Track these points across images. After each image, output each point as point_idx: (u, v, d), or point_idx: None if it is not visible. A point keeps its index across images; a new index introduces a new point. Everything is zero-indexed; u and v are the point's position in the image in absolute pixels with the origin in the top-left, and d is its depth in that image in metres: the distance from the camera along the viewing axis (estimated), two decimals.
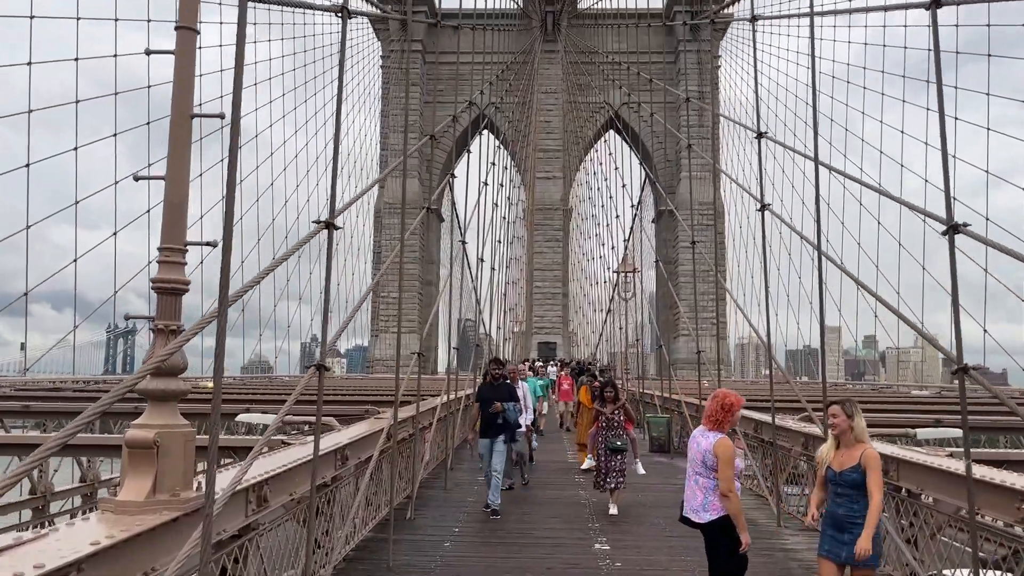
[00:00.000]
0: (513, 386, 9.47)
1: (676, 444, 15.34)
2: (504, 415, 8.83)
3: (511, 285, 53.27)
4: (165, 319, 3.70)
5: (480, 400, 9.19)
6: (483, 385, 9.44)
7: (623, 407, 9.20)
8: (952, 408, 13.14)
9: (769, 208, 8.09)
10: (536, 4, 60.24)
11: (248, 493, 4.46)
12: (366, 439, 7.18)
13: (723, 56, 59.59)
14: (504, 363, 10.02)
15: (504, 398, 8.96)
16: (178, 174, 3.76)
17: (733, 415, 4.68)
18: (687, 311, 37.18)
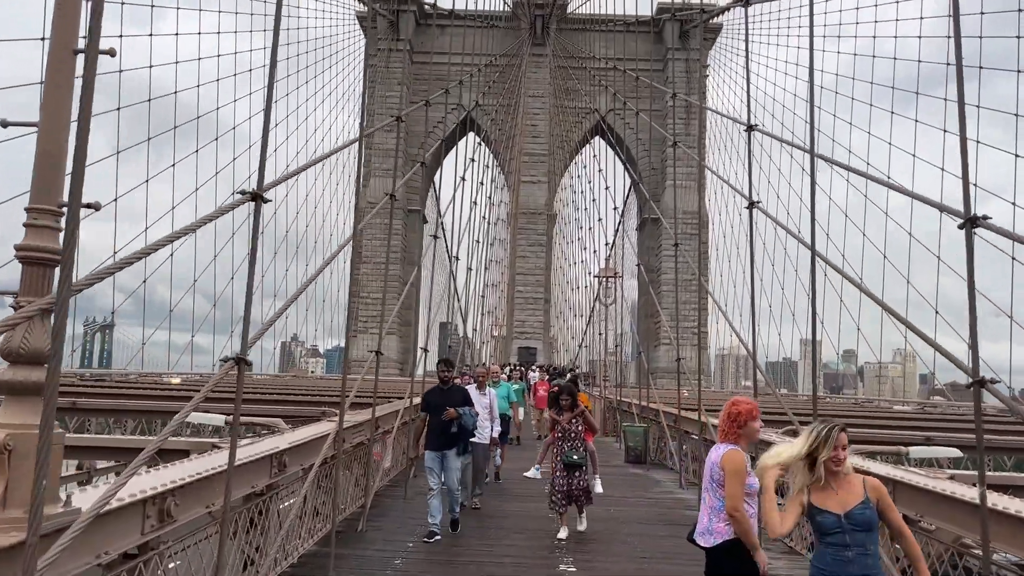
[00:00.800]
0: (467, 391, 8.20)
1: (653, 455, 14.76)
2: (461, 421, 7.63)
3: (492, 288, 52.68)
4: (30, 295, 3.03)
5: (427, 408, 7.91)
6: (430, 391, 8.07)
7: (582, 415, 8.14)
8: (940, 425, 12.67)
9: (758, 206, 7.52)
10: (525, 7, 59.81)
11: (146, 507, 3.79)
12: (310, 444, 6.51)
13: (711, 66, 59.41)
14: (453, 364, 8.63)
15: (456, 403, 7.76)
16: (55, 121, 3.10)
17: (745, 426, 3.94)
18: (669, 320, 36.74)
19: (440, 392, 7.96)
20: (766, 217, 8.01)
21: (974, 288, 3.95)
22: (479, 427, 9.01)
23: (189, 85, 29.54)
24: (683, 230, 50.05)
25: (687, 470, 12.30)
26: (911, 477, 5.26)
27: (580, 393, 10.68)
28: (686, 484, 11.51)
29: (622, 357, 23.59)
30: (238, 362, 4.01)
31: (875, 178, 5.80)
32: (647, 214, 59.91)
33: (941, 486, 4.89)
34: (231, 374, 4.07)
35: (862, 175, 6.17)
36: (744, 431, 3.94)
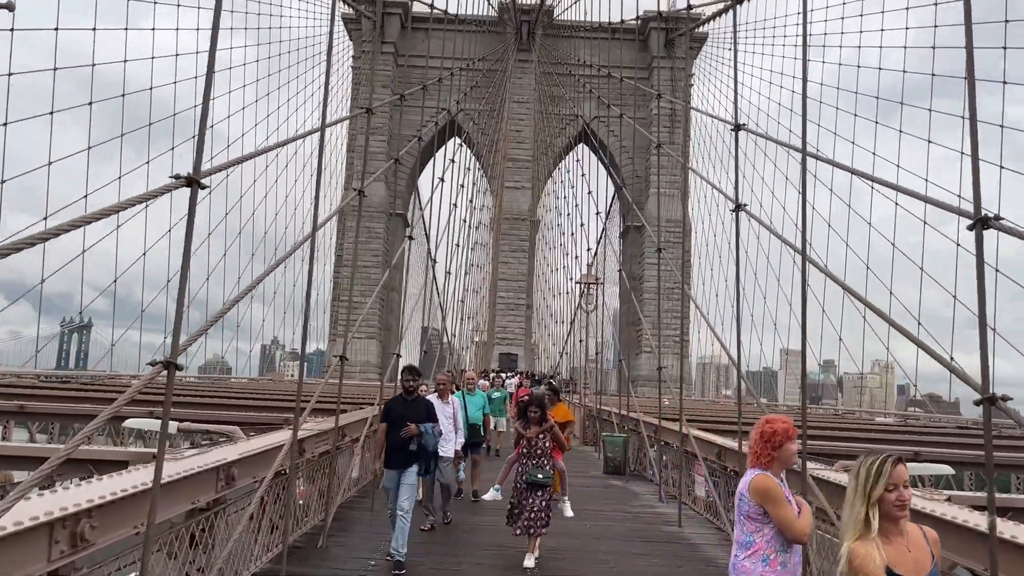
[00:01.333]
0: (431, 403, 7.38)
1: (632, 466, 14.38)
2: (421, 439, 6.85)
3: (473, 293, 52.21)
4: None
5: (388, 420, 7.09)
6: (392, 400, 7.31)
7: (551, 431, 7.29)
8: (926, 439, 12.38)
9: (744, 209, 7.17)
10: (511, 13, 59.64)
11: (54, 530, 3.34)
12: (264, 455, 6.05)
13: (696, 75, 59.45)
14: (420, 373, 7.55)
15: (420, 417, 6.97)
16: None
17: (781, 448, 3.32)
18: (650, 328, 36.48)
19: (403, 403, 7.14)
20: (749, 228, 7.67)
21: (984, 295, 3.60)
22: (443, 440, 8.40)
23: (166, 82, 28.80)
24: (666, 238, 50.01)
25: (667, 482, 11.93)
26: None
27: (559, 404, 10.08)
28: (666, 497, 11.13)
29: (602, 364, 23.17)
30: (167, 366, 3.57)
31: (882, 180, 5.45)
32: (630, 221, 59.84)
33: (941, 509, 4.53)
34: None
35: (868, 176, 5.84)
36: (780, 454, 3.34)
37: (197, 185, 3.73)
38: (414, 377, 7.24)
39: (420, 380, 7.46)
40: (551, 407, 8.72)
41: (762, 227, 8.29)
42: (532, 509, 6.92)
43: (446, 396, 9.02)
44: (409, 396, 7.18)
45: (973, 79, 3.91)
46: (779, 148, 32.12)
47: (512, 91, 60.31)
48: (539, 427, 7.25)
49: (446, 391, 9.09)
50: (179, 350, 3.65)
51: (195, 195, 3.70)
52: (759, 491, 3.26)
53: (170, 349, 3.63)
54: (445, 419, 8.63)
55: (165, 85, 27.50)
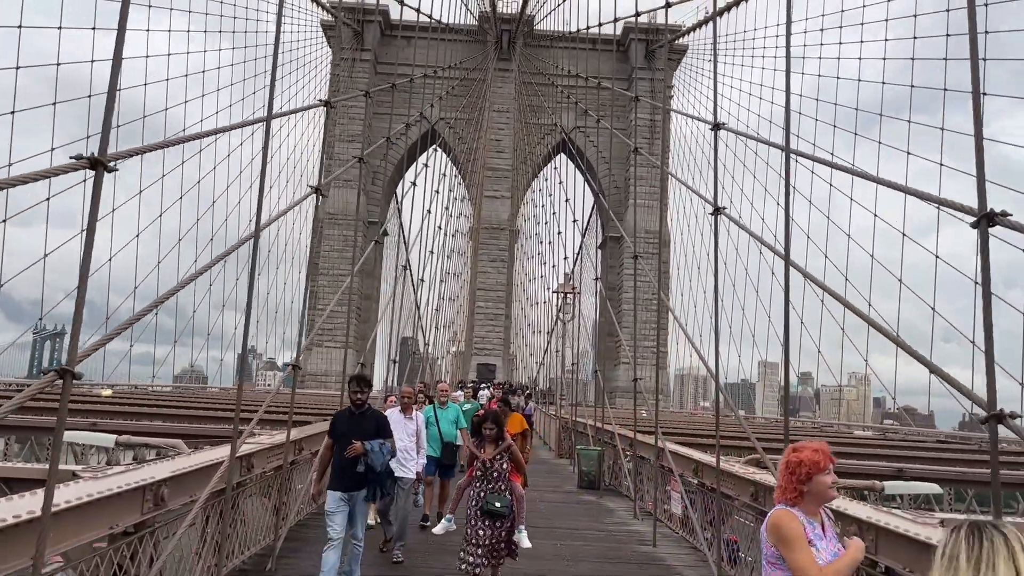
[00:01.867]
0: (383, 417, 6.50)
1: (607, 480, 13.95)
2: (367, 459, 6.01)
3: (450, 301, 51.67)
4: None
5: (332, 436, 6.34)
6: (339, 414, 6.52)
7: (509, 451, 6.32)
8: (908, 454, 12.08)
9: (724, 211, 6.81)
10: (492, 22, 59.49)
11: None
12: (203, 471, 5.55)
13: (676, 86, 59.54)
14: (369, 383, 6.63)
15: (368, 433, 6.14)
16: None
17: (811, 481, 2.81)
18: (628, 339, 36.17)
19: (349, 417, 6.30)
20: (728, 239, 7.30)
21: (990, 299, 3.23)
22: (404, 460, 7.74)
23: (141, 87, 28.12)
24: (645, 249, 49.85)
25: (642, 497, 11.52)
26: (897, 523, 4.51)
27: (513, 414, 9.33)
28: (641, 514, 10.71)
29: (577, 375, 22.76)
30: (62, 374, 3.10)
31: (888, 182, 5.09)
32: (609, 232, 59.69)
33: (937, 536, 4.13)
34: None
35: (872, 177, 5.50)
36: (810, 488, 2.82)
37: (103, 168, 3.28)
38: (361, 388, 6.34)
39: (369, 391, 6.54)
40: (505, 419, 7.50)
41: (741, 237, 7.96)
42: (489, 542, 5.99)
43: (410, 411, 8.18)
44: (357, 409, 6.31)
45: (976, 64, 3.55)
46: (758, 158, 32.01)
47: (492, 100, 60.12)
48: (496, 446, 6.25)
49: (410, 405, 8.22)
50: (76, 358, 3.18)
51: (100, 178, 3.25)
52: (772, 530, 2.78)
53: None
54: (407, 436, 7.90)
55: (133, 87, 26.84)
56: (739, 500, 7.28)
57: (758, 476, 6.81)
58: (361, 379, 6.45)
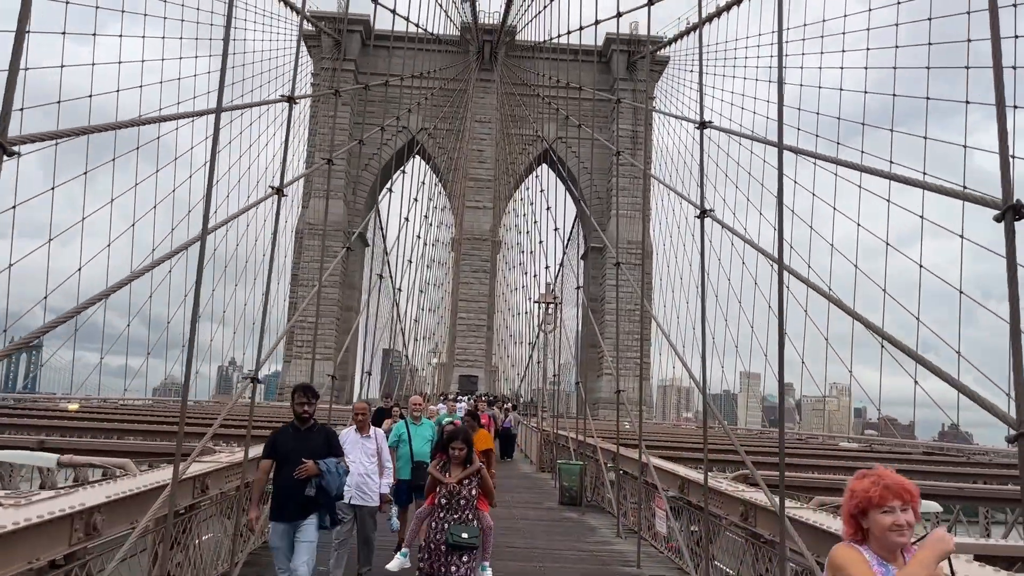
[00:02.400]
0: (333, 432, 5.70)
1: (589, 496, 13.51)
2: (320, 481, 5.20)
3: (431, 312, 51.14)
4: None
5: (274, 456, 5.41)
6: (280, 432, 5.62)
7: (478, 474, 5.46)
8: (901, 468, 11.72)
9: (710, 215, 6.44)
10: (473, 32, 59.36)
11: None
12: (145, 495, 5.05)
13: (658, 96, 59.61)
14: (316, 394, 5.58)
15: (318, 451, 5.31)
16: None
17: (865, 517, 2.29)
18: (611, 350, 35.87)
19: (295, 434, 5.44)
20: (711, 250, 6.92)
21: (1017, 299, 2.85)
22: (363, 485, 6.88)
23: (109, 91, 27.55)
24: (627, 259, 49.66)
25: (625, 514, 11.08)
26: None
27: (480, 431, 8.09)
28: (624, 532, 10.28)
29: (559, 386, 22.32)
30: None
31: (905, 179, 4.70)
32: (592, 243, 59.52)
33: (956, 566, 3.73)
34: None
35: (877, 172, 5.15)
36: (869, 524, 2.29)
37: (3, 151, 2.84)
38: (308, 399, 5.43)
39: (316, 402, 5.56)
40: None
41: (724, 248, 7.59)
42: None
43: (366, 429, 7.15)
44: (303, 424, 5.44)
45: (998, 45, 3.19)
46: (740, 168, 31.84)
47: (474, 110, 59.93)
48: (463, 469, 5.40)
49: (366, 422, 7.16)
50: None
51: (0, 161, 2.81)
52: (831, 566, 2.31)
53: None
54: (367, 458, 6.99)
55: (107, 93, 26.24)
56: (727, 519, 6.87)
57: (748, 495, 6.42)
58: (306, 389, 5.49)
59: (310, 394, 5.52)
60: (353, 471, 6.61)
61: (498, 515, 11.54)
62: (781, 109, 4.73)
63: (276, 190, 6.52)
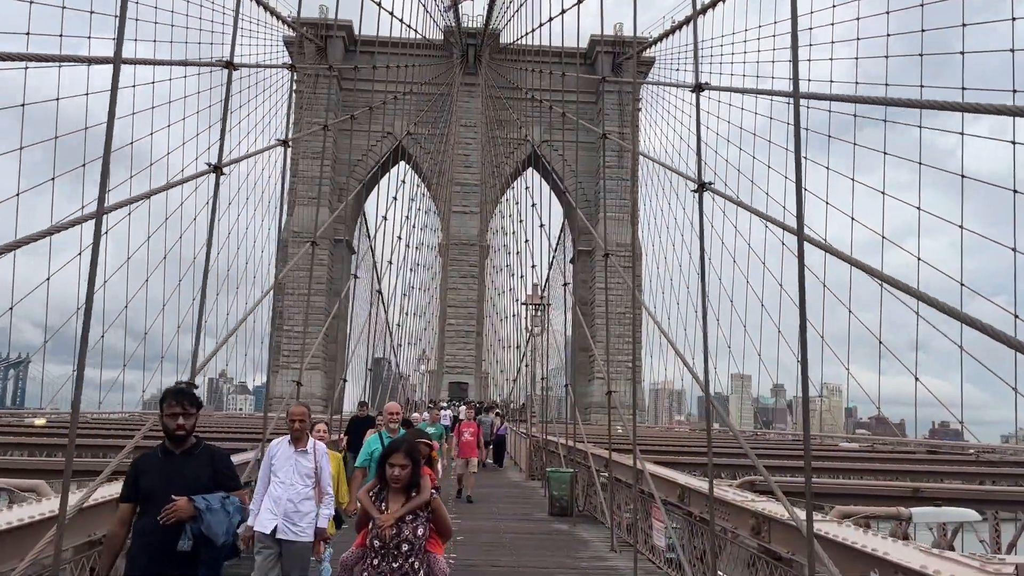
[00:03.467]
0: (223, 456, 3.96)
1: (581, 505, 12.70)
2: (197, 527, 3.56)
3: (417, 317, 50.25)
4: None
5: (134, 492, 3.71)
6: (143, 458, 3.87)
7: (427, 507, 3.86)
8: (912, 468, 11.00)
9: (710, 187, 5.68)
10: (457, 36, 58.74)
11: None
12: (30, 530, 4.20)
13: (644, 98, 59.09)
14: (197, 400, 3.87)
15: (199, 482, 3.71)
16: None
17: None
18: (602, 353, 35.08)
19: (164, 460, 3.75)
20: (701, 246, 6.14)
21: None
22: (293, 515, 5.29)
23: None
24: (617, 263, 48.95)
25: (619, 525, 10.29)
26: (964, 573, 3.33)
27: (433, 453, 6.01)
28: (619, 545, 9.47)
29: (547, 390, 21.51)
30: None
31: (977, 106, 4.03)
32: (580, 246, 58.89)
33: None
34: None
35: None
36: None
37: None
38: (185, 408, 3.74)
39: (196, 413, 3.84)
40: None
41: (714, 247, 6.83)
42: None
43: (303, 441, 5.53)
44: (179, 445, 3.75)
45: None
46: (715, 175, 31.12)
47: (459, 115, 59.30)
48: (406, 499, 3.82)
49: (303, 433, 5.54)
50: None
51: None
52: None
53: None
54: (300, 479, 5.41)
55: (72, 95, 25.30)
56: (734, 532, 6.09)
57: (759, 506, 5.63)
58: (181, 394, 3.78)
59: (187, 401, 3.77)
60: (281, 495, 5.34)
61: (483, 528, 10.76)
62: (796, 50, 3.99)
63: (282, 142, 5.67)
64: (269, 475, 5.47)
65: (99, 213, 3.72)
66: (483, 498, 14.09)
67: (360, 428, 11.16)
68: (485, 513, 12.49)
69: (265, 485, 5.46)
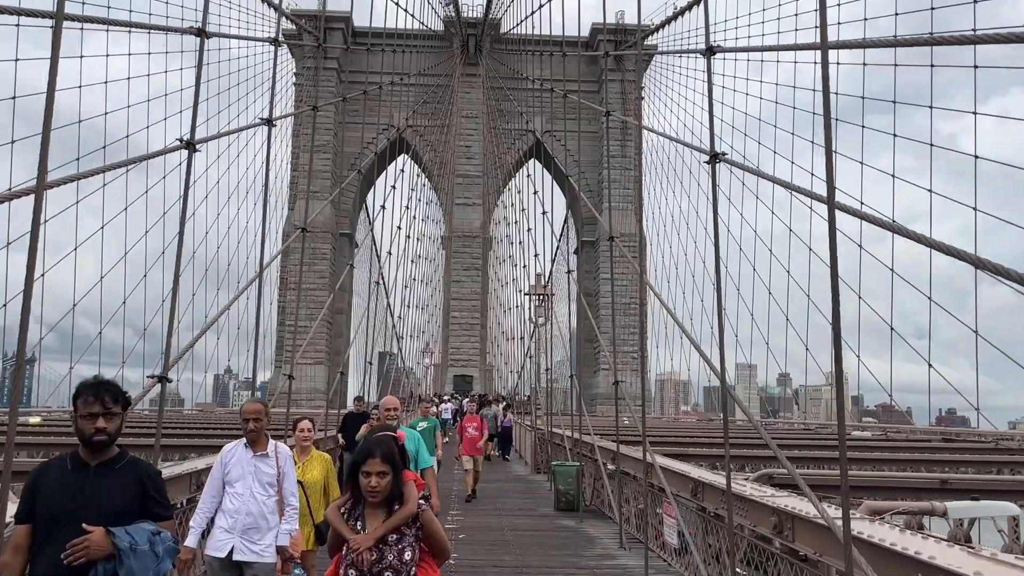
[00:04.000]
0: (152, 474, 2.94)
1: (588, 500, 12.29)
2: (112, 568, 2.64)
3: (419, 310, 49.87)
4: None
5: (29, 514, 2.78)
6: (46, 469, 2.91)
7: (417, 522, 3.06)
8: (935, 457, 10.56)
9: (723, 158, 5.25)
10: (457, 27, 58.21)
11: None
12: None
13: (647, 87, 58.47)
14: (122, 397, 2.87)
15: (123, 510, 2.78)
16: None
17: None
18: (607, 344, 34.65)
19: (72, 476, 2.82)
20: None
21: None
22: (251, 533, 4.44)
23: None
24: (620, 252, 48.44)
25: (628, 520, 9.88)
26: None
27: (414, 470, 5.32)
28: (628, 542, 9.06)
29: (551, 381, 21.09)
30: None
31: None
32: (584, 236, 58.46)
33: None
34: None
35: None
36: None
37: None
38: (107, 408, 2.82)
39: (122, 413, 2.88)
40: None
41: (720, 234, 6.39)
42: None
43: (261, 444, 4.60)
44: (95, 456, 2.84)
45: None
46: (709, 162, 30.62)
47: (460, 106, 58.84)
48: (387, 514, 3.04)
49: (260, 435, 4.58)
50: None
51: None
52: None
53: None
54: (259, 487, 4.52)
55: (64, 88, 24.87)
56: (753, 530, 5.67)
57: (780, 501, 5.20)
58: (100, 388, 2.83)
59: (108, 398, 2.83)
60: (239, 509, 4.44)
61: (487, 525, 10.36)
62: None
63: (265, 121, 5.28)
64: (221, 486, 4.51)
65: (40, 189, 3.30)
66: (487, 493, 13.71)
67: (356, 425, 10.77)
68: (489, 508, 12.10)
69: (213, 498, 4.51)
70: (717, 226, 5.13)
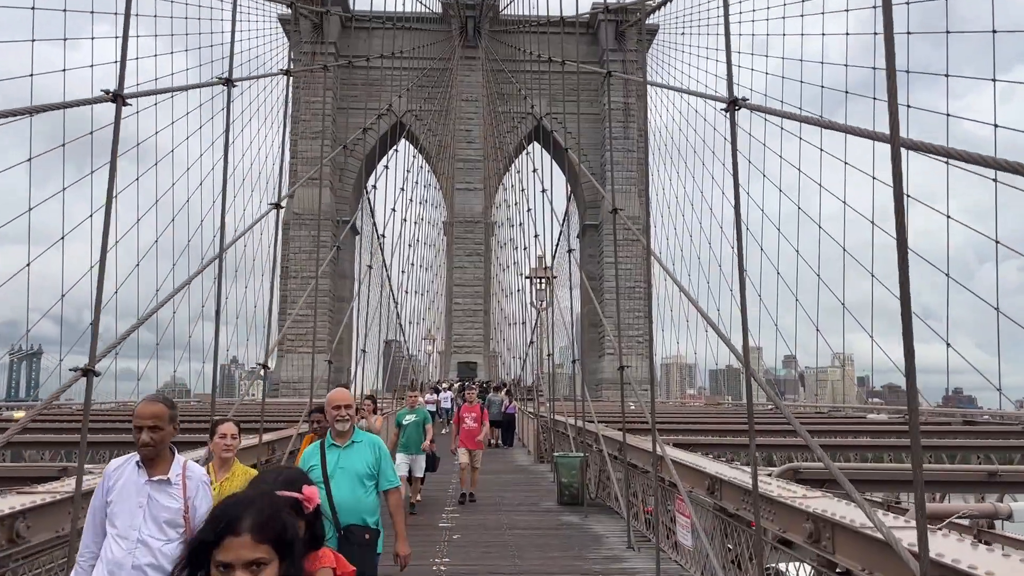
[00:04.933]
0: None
1: (593, 493, 11.56)
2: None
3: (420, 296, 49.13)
4: None
5: None
6: None
7: None
8: (970, 443, 9.78)
9: (744, 104, 4.46)
10: (456, 8, 57.18)
11: None
12: None
13: (650, 64, 57.37)
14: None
15: None
16: None
17: None
18: (612, 329, 33.86)
19: None
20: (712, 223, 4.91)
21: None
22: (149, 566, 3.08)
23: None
24: (625, 236, 47.56)
25: (636, 516, 9.16)
26: None
27: None
28: (636, 540, 8.32)
29: (553, 367, 20.32)
30: None
31: None
32: (587, 220, 57.61)
33: None
34: None
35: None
36: None
37: None
38: None
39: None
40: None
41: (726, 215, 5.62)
42: None
43: (162, 465, 3.12)
44: None
45: None
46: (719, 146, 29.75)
47: (460, 89, 57.91)
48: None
49: (159, 450, 3.09)
50: None
51: None
52: None
53: None
54: (156, 529, 3.02)
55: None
56: (780, 535, 4.91)
57: (815, 504, 4.45)
58: None
59: None
60: (123, 560, 2.96)
61: (484, 523, 9.63)
62: None
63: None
64: (103, 522, 3.06)
65: None
66: (487, 485, 12.95)
67: None
68: (488, 503, 11.38)
69: (94, 538, 3.08)
70: (737, 177, 4.36)
